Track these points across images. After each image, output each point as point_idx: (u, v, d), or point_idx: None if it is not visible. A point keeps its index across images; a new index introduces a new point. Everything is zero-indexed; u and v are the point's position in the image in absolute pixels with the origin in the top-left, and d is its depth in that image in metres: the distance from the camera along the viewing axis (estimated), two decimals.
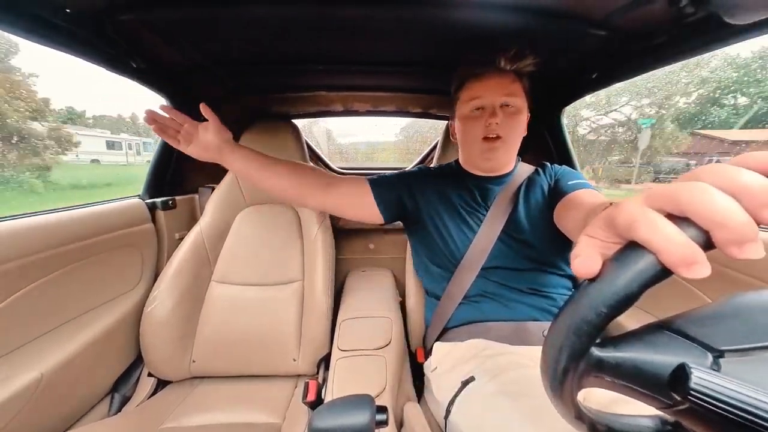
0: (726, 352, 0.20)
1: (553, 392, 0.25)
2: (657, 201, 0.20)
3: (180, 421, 0.80)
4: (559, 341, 0.23)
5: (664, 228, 0.19)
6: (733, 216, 0.17)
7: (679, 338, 0.22)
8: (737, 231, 0.17)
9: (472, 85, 0.72)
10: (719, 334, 0.21)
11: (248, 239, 1.07)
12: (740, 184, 0.18)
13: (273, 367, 0.97)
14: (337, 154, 3.32)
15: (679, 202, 0.19)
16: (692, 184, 0.19)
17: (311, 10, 0.65)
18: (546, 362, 0.24)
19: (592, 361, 0.22)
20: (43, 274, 0.73)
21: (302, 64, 0.95)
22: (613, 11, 0.63)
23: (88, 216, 0.84)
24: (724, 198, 0.18)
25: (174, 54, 0.85)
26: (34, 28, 0.61)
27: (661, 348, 0.22)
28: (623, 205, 0.21)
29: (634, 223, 0.20)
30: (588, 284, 0.22)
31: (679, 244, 0.18)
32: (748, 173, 0.18)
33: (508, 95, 0.70)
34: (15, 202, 12.47)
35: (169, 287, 0.93)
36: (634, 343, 0.23)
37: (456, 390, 0.60)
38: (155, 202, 1.06)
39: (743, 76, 15.39)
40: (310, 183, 0.73)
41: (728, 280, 0.64)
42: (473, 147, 0.75)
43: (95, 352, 0.81)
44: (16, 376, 0.64)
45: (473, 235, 0.74)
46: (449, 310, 0.75)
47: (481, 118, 0.71)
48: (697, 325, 0.22)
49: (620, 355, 0.22)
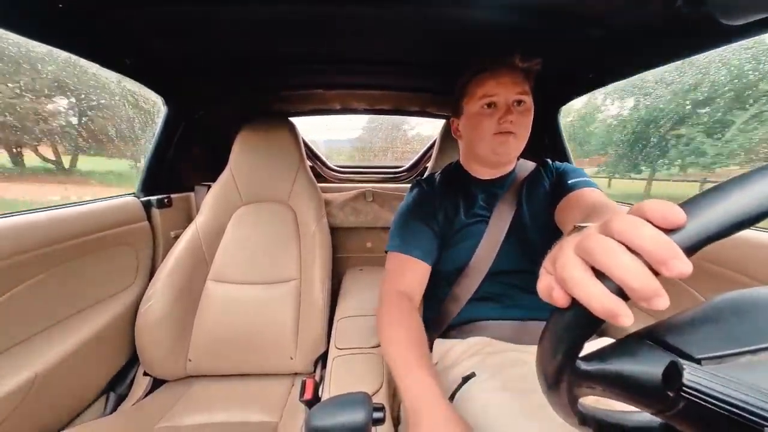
0: (702, 360, 0.20)
1: (552, 402, 0.26)
2: (581, 253, 0.22)
3: (176, 421, 0.80)
4: (547, 357, 0.24)
5: (586, 287, 0.20)
6: (636, 277, 0.19)
7: (660, 348, 0.22)
8: (642, 291, 0.19)
9: (484, 82, 0.71)
10: (696, 342, 0.21)
11: (245, 237, 1.07)
12: (640, 244, 0.19)
13: (270, 366, 0.96)
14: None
15: (594, 260, 0.21)
16: (604, 243, 0.20)
17: (309, 8, 0.65)
18: (540, 376, 0.26)
19: (580, 374, 0.23)
20: (37, 273, 0.72)
21: (300, 62, 0.95)
22: (610, 11, 0.64)
23: (82, 214, 0.83)
24: (627, 258, 0.19)
25: (169, 51, 0.84)
26: (27, 24, 0.60)
27: (641, 358, 0.22)
28: (561, 252, 0.23)
29: (564, 281, 0.22)
30: (560, 310, 0.23)
31: (600, 301, 0.20)
32: (646, 229, 0.19)
33: (521, 93, 0.70)
34: None
35: (164, 286, 0.92)
36: (618, 354, 0.24)
37: (456, 386, 0.61)
38: (150, 200, 1.05)
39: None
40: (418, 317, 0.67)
41: (725, 279, 0.65)
42: (483, 143, 0.74)
43: (90, 351, 0.80)
44: (10, 375, 0.64)
45: (478, 241, 0.73)
46: (453, 310, 0.74)
47: (493, 114, 0.70)
48: (676, 334, 0.22)
49: (605, 368, 0.23)
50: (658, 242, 0.19)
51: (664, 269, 0.18)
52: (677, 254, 0.18)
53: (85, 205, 0.86)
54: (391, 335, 0.61)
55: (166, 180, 1.13)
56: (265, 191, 1.13)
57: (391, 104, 1.39)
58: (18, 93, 1.46)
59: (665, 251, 0.18)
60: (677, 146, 2.60)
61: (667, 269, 0.18)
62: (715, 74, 1.96)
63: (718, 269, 0.66)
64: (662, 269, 0.18)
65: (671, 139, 2.62)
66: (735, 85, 1.92)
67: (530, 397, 0.50)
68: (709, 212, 0.18)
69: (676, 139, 2.58)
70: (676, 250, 0.18)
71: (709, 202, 0.19)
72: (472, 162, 0.83)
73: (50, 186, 1.89)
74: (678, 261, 0.18)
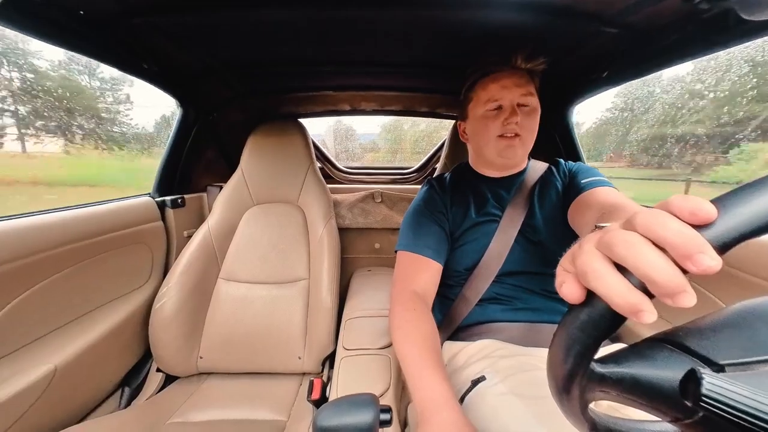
0: (726, 366, 0.19)
1: (562, 407, 0.25)
2: (602, 248, 0.21)
3: (187, 417, 0.82)
4: (559, 359, 0.23)
5: (608, 279, 0.19)
6: (661, 272, 0.18)
7: (680, 352, 0.21)
8: (666, 286, 0.18)
9: (487, 85, 0.71)
10: (719, 348, 0.20)
11: (255, 238, 1.08)
12: (664, 236, 0.18)
13: (278, 365, 0.97)
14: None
15: (616, 254, 0.20)
16: (626, 237, 0.19)
17: (319, 12, 0.66)
18: (551, 379, 0.25)
19: (594, 378, 0.22)
20: (56, 270, 0.74)
21: (311, 65, 0.96)
22: (626, 9, 0.62)
23: (100, 213, 0.86)
24: (652, 253, 0.18)
25: (185, 57, 0.86)
26: (49, 31, 0.63)
27: (661, 363, 0.21)
28: (580, 249, 0.22)
29: (585, 274, 0.21)
30: (575, 308, 0.22)
31: (622, 295, 0.19)
32: (672, 222, 0.18)
33: (525, 95, 0.69)
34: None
35: (177, 284, 0.94)
36: (635, 358, 0.22)
37: (466, 389, 0.60)
38: (165, 201, 1.08)
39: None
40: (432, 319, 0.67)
41: (740, 282, 0.63)
42: (489, 146, 0.73)
43: (106, 347, 0.82)
44: (32, 368, 0.66)
45: (489, 241, 0.72)
46: (463, 312, 0.73)
47: (498, 117, 0.70)
48: (698, 338, 0.21)
49: (622, 371, 0.22)
50: (684, 235, 0.18)
51: (690, 264, 0.17)
52: (705, 248, 0.17)
53: (104, 205, 0.89)
54: (404, 335, 0.61)
55: (180, 181, 1.16)
56: (275, 192, 1.15)
57: (400, 105, 1.39)
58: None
59: (692, 245, 0.17)
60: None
61: (694, 264, 0.17)
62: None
63: (736, 272, 0.63)
64: (688, 264, 0.17)
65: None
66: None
67: (541, 402, 0.49)
68: (743, 208, 0.17)
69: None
70: (703, 244, 0.17)
71: (743, 199, 0.18)
72: (480, 164, 0.82)
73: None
74: (705, 256, 0.17)
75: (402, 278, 0.71)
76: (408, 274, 0.71)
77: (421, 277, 0.70)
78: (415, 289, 0.68)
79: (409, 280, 0.70)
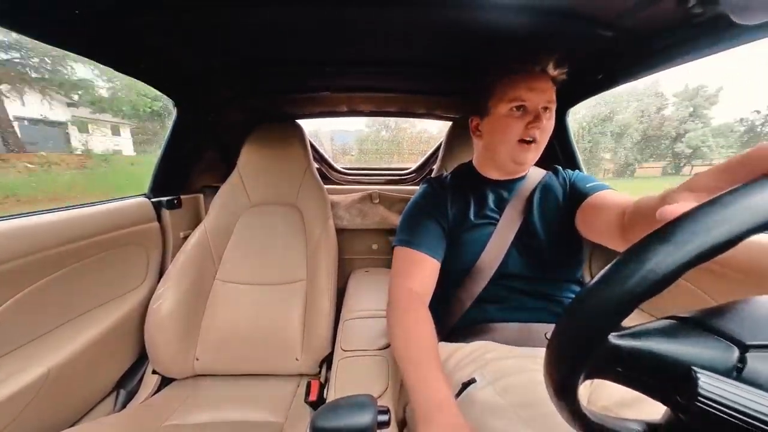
0: (751, 348, 0.19)
1: (557, 380, 0.24)
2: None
3: (183, 419, 0.81)
4: (571, 331, 0.22)
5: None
6: None
7: (702, 330, 0.21)
8: None
9: (516, 85, 0.68)
10: (745, 329, 0.20)
11: (252, 239, 1.08)
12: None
13: (275, 366, 0.97)
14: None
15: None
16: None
17: (319, 12, 0.66)
18: (558, 351, 0.23)
19: (608, 348, 0.22)
20: (51, 271, 0.74)
21: (310, 65, 0.96)
22: (621, 12, 0.63)
23: (95, 214, 0.85)
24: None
25: (182, 56, 0.85)
26: (43, 29, 0.62)
27: (681, 339, 0.21)
28: (751, 150, 0.24)
29: (760, 158, 0.23)
30: (597, 284, 0.21)
31: None
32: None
33: (549, 101, 0.69)
34: None
35: (173, 285, 0.94)
36: (653, 333, 0.22)
37: (456, 391, 0.60)
38: (161, 201, 1.07)
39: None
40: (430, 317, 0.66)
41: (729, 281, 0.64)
42: (506, 147, 0.72)
43: (100, 349, 0.82)
44: (25, 370, 0.65)
45: (486, 242, 0.72)
46: (456, 313, 0.74)
47: (522, 119, 0.68)
48: (721, 319, 0.21)
49: (638, 345, 0.22)
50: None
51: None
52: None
53: (100, 205, 0.88)
54: (401, 334, 0.61)
55: (176, 181, 1.15)
56: (273, 193, 1.14)
57: (398, 106, 1.39)
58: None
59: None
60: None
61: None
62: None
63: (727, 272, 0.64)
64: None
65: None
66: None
67: (529, 406, 0.49)
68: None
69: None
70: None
71: None
72: (487, 163, 0.81)
73: None
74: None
75: (399, 275, 0.70)
76: (405, 270, 0.70)
77: (419, 274, 0.70)
78: (412, 287, 0.68)
79: (407, 278, 0.69)
